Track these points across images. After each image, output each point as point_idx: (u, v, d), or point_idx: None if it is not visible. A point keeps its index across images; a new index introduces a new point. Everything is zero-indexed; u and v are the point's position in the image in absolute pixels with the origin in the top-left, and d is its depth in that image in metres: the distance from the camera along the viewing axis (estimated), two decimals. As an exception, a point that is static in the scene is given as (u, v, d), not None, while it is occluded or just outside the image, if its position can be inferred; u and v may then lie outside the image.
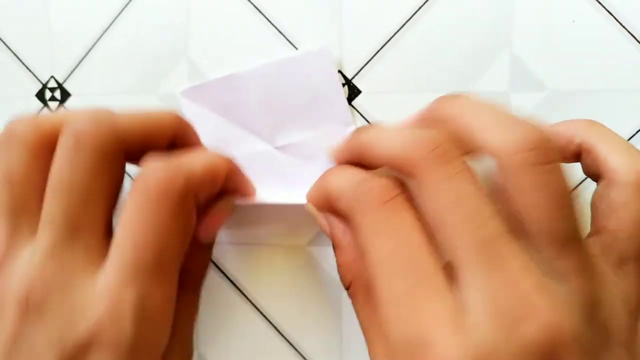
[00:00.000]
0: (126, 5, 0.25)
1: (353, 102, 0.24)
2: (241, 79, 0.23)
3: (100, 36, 0.26)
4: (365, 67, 0.23)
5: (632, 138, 0.22)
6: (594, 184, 0.18)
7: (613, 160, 0.17)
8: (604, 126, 0.18)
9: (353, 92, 0.24)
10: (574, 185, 0.22)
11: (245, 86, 0.23)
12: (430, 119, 0.18)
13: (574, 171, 0.18)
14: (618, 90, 0.22)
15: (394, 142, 0.16)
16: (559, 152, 0.15)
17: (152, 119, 0.19)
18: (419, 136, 0.16)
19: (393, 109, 0.23)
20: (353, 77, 0.24)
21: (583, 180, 0.22)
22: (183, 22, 0.25)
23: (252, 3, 0.24)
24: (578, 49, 0.22)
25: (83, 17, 0.26)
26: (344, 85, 0.24)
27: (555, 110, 0.22)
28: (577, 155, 0.18)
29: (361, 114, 0.24)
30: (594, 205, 0.18)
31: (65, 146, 0.17)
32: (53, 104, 0.27)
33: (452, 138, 0.16)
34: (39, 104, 0.27)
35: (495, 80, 0.22)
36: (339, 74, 0.24)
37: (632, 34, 0.21)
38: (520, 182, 0.15)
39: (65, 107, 0.27)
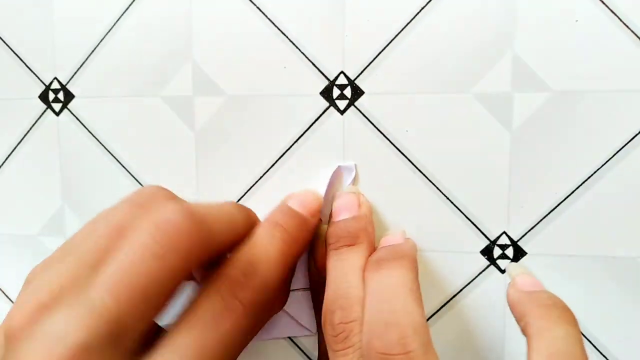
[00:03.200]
0: (129, 7, 0.25)
1: (356, 103, 0.24)
2: None
3: (104, 37, 0.26)
4: (368, 68, 0.23)
5: (635, 138, 0.22)
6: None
7: None
8: (550, 316, 0.19)
9: (356, 93, 0.24)
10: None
11: None
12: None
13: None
14: (621, 90, 0.22)
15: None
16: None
17: (235, 227, 0.20)
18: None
19: (396, 109, 0.23)
20: (356, 78, 0.24)
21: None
22: (187, 24, 0.25)
23: (255, 5, 0.24)
24: (581, 49, 0.22)
25: (86, 19, 0.26)
26: (346, 85, 0.24)
27: (558, 111, 0.22)
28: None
29: (364, 115, 0.24)
30: None
31: (159, 241, 0.16)
32: (56, 106, 0.27)
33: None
34: (43, 105, 0.27)
35: (498, 81, 0.22)
36: (343, 75, 0.24)
37: (635, 34, 0.21)
38: None
39: (69, 109, 0.27)
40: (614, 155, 0.22)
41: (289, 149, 0.24)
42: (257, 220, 0.21)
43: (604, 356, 0.23)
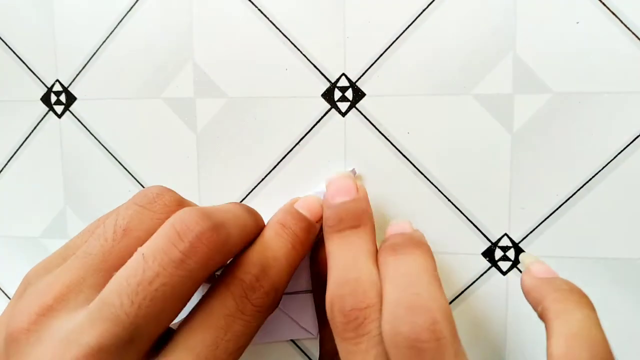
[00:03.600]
0: (131, 9, 0.26)
1: (357, 105, 0.24)
2: None
3: (105, 39, 0.26)
4: (369, 70, 0.24)
5: (636, 139, 0.22)
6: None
7: (553, 344, 0.17)
8: (569, 300, 0.18)
9: (357, 95, 0.24)
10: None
11: None
12: None
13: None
14: (622, 92, 0.22)
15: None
16: (438, 351, 0.16)
17: (248, 230, 0.20)
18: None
19: (397, 111, 0.23)
20: (357, 80, 0.24)
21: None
22: (188, 26, 0.25)
23: (256, 7, 0.24)
24: (582, 50, 0.22)
25: (88, 21, 0.26)
26: (348, 87, 0.24)
27: (558, 113, 0.22)
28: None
29: (365, 117, 0.24)
30: None
31: (179, 247, 0.16)
32: (59, 108, 0.27)
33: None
34: (45, 108, 0.27)
35: (499, 83, 0.22)
36: (344, 77, 0.24)
37: (636, 36, 0.21)
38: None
39: (70, 111, 0.27)
40: (614, 157, 0.22)
41: (290, 150, 0.25)
42: (262, 221, 0.21)
43: (605, 358, 0.23)
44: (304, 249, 0.21)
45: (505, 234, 0.23)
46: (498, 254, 0.23)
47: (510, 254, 0.23)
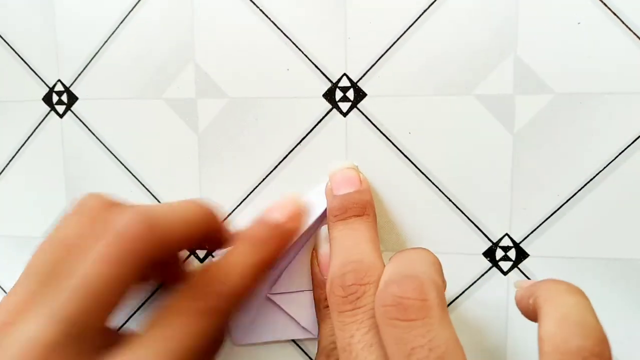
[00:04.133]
0: (132, 9, 0.26)
1: (358, 105, 0.24)
2: None
3: (107, 40, 0.26)
4: (370, 70, 0.24)
5: (638, 140, 0.22)
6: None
7: (543, 326, 0.16)
8: (560, 287, 0.18)
9: (358, 95, 0.24)
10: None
11: None
12: None
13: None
14: (623, 92, 0.22)
15: None
16: (422, 309, 0.17)
17: (190, 225, 0.20)
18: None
19: (398, 111, 0.23)
20: (358, 80, 0.24)
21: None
22: (189, 27, 0.25)
23: (258, 7, 0.24)
24: (583, 51, 0.22)
25: (90, 21, 0.26)
26: (349, 88, 0.24)
27: (560, 113, 0.22)
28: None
29: (367, 117, 0.24)
30: None
31: (106, 243, 0.18)
32: (60, 108, 0.27)
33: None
34: (46, 107, 0.27)
35: (500, 83, 0.22)
36: (345, 77, 0.24)
37: (637, 36, 0.21)
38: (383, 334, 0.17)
39: (72, 111, 0.27)
40: (616, 158, 0.22)
41: (291, 150, 0.25)
42: (215, 216, 0.22)
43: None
44: (270, 255, 0.22)
45: (507, 234, 0.23)
46: (499, 254, 0.23)
47: (512, 254, 0.23)
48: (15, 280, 0.19)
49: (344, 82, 0.24)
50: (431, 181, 0.24)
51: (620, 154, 0.22)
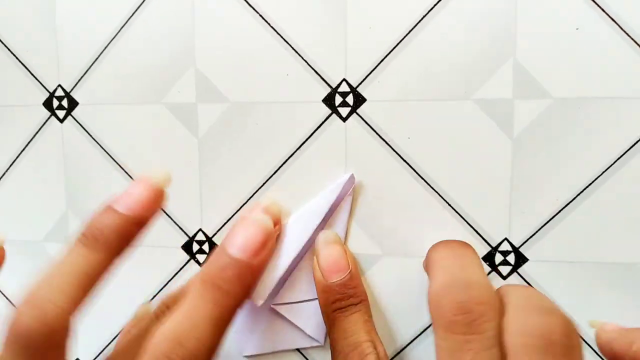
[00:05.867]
0: (133, 15, 0.26)
1: (358, 110, 0.24)
2: None
3: (107, 45, 0.26)
4: (370, 76, 0.24)
5: (636, 144, 0.22)
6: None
7: None
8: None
9: (358, 100, 0.24)
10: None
11: None
12: None
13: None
14: (622, 97, 0.22)
15: None
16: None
17: None
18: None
19: (397, 116, 0.24)
20: (358, 85, 0.24)
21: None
22: (189, 31, 0.25)
23: (257, 12, 0.24)
24: (582, 56, 0.22)
25: (90, 26, 0.26)
26: (349, 93, 0.24)
27: (558, 118, 0.22)
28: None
29: (366, 122, 0.24)
30: None
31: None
32: (61, 113, 0.27)
33: None
34: (47, 112, 0.27)
35: (499, 88, 0.23)
36: (345, 82, 0.24)
37: (635, 41, 0.21)
38: None
39: (72, 116, 0.27)
40: (614, 162, 0.22)
41: (291, 155, 0.25)
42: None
43: (605, 362, 0.23)
44: (235, 300, 0.19)
45: (506, 239, 0.23)
46: (498, 258, 0.23)
47: (511, 258, 0.23)
48: (15, 285, 0.19)
49: (344, 88, 0.24)
50: (430, 186, 0.24)
51: (619, 158, 0.22)
